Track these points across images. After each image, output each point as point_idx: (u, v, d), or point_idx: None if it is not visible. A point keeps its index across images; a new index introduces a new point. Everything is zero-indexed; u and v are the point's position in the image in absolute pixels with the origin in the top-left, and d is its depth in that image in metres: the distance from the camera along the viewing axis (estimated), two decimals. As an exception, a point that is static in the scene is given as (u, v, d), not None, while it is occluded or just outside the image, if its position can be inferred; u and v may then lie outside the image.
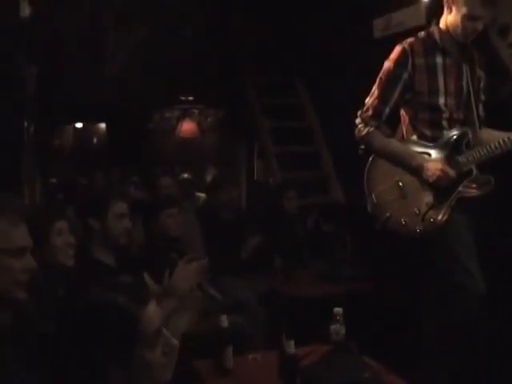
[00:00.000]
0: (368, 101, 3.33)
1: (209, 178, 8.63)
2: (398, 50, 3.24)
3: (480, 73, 3.28)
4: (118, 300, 1.45)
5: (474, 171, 3.16)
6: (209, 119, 10.10)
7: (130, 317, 1.43)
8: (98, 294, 1.49)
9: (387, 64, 3.27)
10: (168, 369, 1.53)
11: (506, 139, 3.09)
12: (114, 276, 2.73)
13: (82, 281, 2.50)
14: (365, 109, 3.32)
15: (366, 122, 3.30)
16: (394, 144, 3.31)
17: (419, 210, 3.18)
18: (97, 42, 6.89)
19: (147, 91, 7.27)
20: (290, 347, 2.47)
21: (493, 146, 3.11)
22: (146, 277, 3.33)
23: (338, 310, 2.89)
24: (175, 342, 1.55)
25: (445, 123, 3.21)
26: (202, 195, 7.32)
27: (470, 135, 3.18)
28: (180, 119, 10.51)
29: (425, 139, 3.25)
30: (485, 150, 3.12)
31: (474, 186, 3.17)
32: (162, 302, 2.42)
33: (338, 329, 2.88)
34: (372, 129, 3.28)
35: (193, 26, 6.88)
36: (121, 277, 1.60)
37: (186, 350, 3.17)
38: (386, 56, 3.29)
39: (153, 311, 1.50)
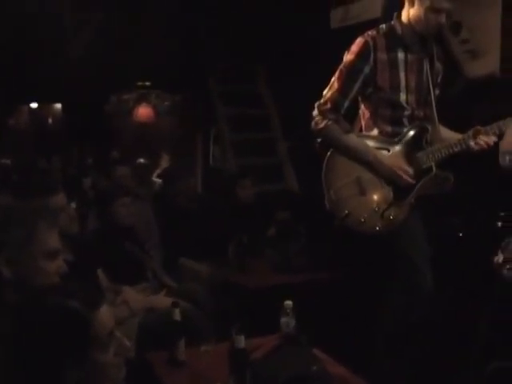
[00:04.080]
0: (326, 93, 3.18)
1: (165, 164, 8.59)
2: (359, 42, 3.12)
3: (438, 66, 3.26)
4: (70, 304, 1.47)
5: (434, 169, 3.11)
6: (166, 103, 10.02)
7: (83, 321, 1.45)
8: (50, 298, 1.51)
9: (348, 56, 3.13)
10: (121, 368, 1.57)
11: (466, 137, 3.08)
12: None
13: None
14: (323, 101, 3.18)
15: (323, 115, 3.16)
16: (351, 138, 3.17)
17: (378, 207, 3.11)
18: (56, 26, 6.76)
19: (105, 75, 7.19)
20: (240, 342, 2.50)
21: (453, 144, 3.09)
22: (100, 273, 3.37)
23: (287, 303, 2.94)
24: (127, 343, 1.59)
25: (406, 120, 3.16)
26: (158, 181, 7.32)
27: (430, 132, 3.14)
28: (137, 102, 10.43)
29: (385, 135, 3.18)
30: (444, 148, 3.09)
31: (433, 183, 3.13)
32: (116, 308, 2.48)
33: (288, 321, 2.94)
34: (330, 122, 3.14)
35: (154, 13, 6.81)
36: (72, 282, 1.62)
37: (139, 343, 3.23)
38: (345, 47, 3.18)
39: (105, 315, 1.51)
